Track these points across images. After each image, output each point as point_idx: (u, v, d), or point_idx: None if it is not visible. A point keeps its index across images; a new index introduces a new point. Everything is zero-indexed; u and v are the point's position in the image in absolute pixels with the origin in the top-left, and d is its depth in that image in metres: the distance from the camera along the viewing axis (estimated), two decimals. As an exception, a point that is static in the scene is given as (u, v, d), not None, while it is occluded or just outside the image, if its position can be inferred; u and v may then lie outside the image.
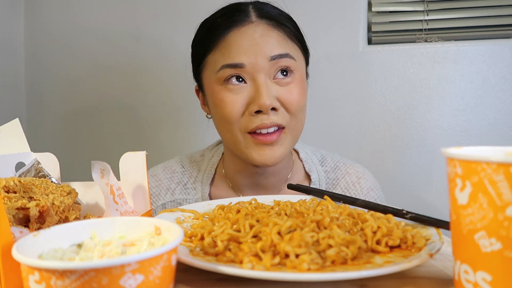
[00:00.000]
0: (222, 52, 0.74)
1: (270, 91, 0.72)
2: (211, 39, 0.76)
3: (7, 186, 0.46)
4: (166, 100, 1.39)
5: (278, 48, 0.73)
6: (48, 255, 0.35)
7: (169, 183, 0.88)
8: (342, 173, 0.86)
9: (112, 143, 1.43)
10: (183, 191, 0.87)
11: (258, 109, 0.71)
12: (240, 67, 0.72)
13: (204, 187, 0.86)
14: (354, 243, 0.41)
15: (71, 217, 0.49)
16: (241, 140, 0.74)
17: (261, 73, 0.72)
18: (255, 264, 0.39)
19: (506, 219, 0.30)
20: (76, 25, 1.43)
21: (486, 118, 1.25)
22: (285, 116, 0.74)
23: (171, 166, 0.90)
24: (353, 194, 0.84)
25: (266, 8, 0.77)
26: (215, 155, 0.90)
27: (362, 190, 0.85)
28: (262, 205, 0.59)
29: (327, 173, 0.87)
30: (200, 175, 0.88)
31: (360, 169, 0.88)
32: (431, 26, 1.27)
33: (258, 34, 0.73)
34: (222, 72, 0.73)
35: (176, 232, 0.37)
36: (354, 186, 0.85)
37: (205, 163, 0.89)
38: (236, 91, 0.73)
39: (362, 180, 0.86)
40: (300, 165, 0.88)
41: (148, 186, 0.57)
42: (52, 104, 1.46)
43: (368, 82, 1.29)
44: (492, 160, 0.30)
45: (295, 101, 0.74)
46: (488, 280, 0.31)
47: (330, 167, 0.87)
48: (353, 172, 0.86)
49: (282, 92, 0.73)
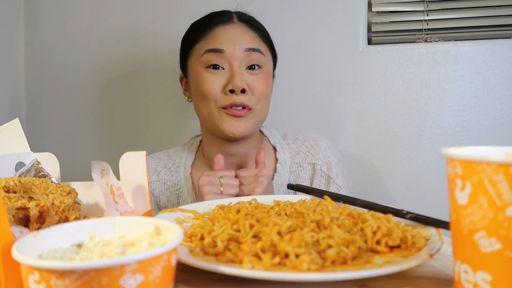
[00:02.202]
0: (208, 41, 0.91)
1: (243, 76, 0.89)
2: (200, 32, 0.93)
3: (7, 186, 0.46)
4: (166, 100, 1.38)
5: (252, 43, 0.91)
6: (48, 255, 0.35)
7: (156, 167, 1.02)
8: (301, 141, 1.02)
9: (112, 143, 1.43)
10: (167, 173, 1.01)
11: (232, 89, 0.87)
12: (221, 52, 0.89)
13: (186, 169, 1.00)
14: (354, 243, 0.41)
15: (71, 217, 0.49)
16: (216, 114, 0.90)
17: (236, 60, 0.89)
18: (255, 264, 0.39)
19: (506, 219, 0.30)
20: (75, 25, 1.43)
21: (486, 118, 1.25)
22: (252, 99, 0.89)
23: (158, 155, 1.05)
24: (313, 153, 0.99)
25: (245, 15, 0.96)
26: (194, 143, 1.06)
27: (320, 148, 0.99)
28: (262, 205, 0.59)
29: (289, 144, 1.01)
30: (183, 160, 1.02)
31: (316, 135, 1.03)
32: (431, 26, 1.27)
33: (237, 32, 0.91)
34: (206, 56, 0.90)
35: (176, 232, 0.37)
36: (313, 148, 1.00)
37: (186, 150, 1.05)
38: (216, 74, 0.89)
39: (319, 142, 1.01)
40: (266, 140, 1.03)
41: (148, 186, 0.57)
42: (52, 104, 1.46)
43: (368, 82, 1.29)
44: (492, 160, 0.30)
45: (260, 88, 0.90)
46: (488, 280, 0.31)
47: (291, 139, 1.03)
48: (311, 138, 1.02)
49: (252, 79, 0.90)
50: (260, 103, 0.91)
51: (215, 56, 0.89)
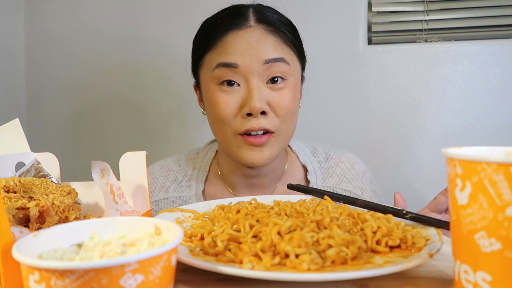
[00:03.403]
0: (219, 51, 0.76)
1: (262, 95, 0.74)
2: (210, 39, 0.77)
3: (7, 186, 0.46)
4: (166, 100, 1.39)
5: (272, 52, 0.74)
6: (48, 255, 0.35)
7: (164, 181, 0.90)
8: (336, 161, 0.90)
9: (112, 143, 1.43)
10: (177, 189, 0.88)
11: (249, 112, 0.73)
12: (234, 67, 0.74)
13: (199, 184, 0.87)
14: (354, 243, 0.41)
15: (71, 217, 0.49)
16: (232, 140, 0.77)
17: (254, 75, 0.74)
18: (255, 264, 0.39)
19: (506, 219, 0.30)
20: (76, 25, 1.43)
21: (486, 118, 1.25)
22: (274, 120, 0.75)
23: (167, 164, 0.92)
24: (350, 178, 0.88)
25: (266, 12, 0.78)
26: (209, 153, 0.92)
27: (358, 174, 0.89)
28: (262, 205, 0.59)
29: (321, 163, 0.90)
30: (195, 173, 0.89)
31: (350, 155, 0.92)
32: (431, 26, 1.27)
33: (254, 38, 0.75)
34: (218, 70, 0.75)
35: (176, 232, 0.37)
36: (350, 171, 0.89)
37: (199, 160, 0.91)
38: (230, 92, 0.75)
39: (355, 165, 0.90)
40: (295, 158, 0.90)
41: (148, 186, 0.57)
42: (52, 104, 1.46)
43: (368, 82, 1.29)
44: (492, 160, 0.30)
45: (285, 106, 0.75)
46: (488, 280, 0.31)
47: (323, 157, 0.91)
48: (345, 159, 0.90)
49: (274, 96, 0.75)
50: (285, 124, 0.76)
51: (228, 71, 0.74)
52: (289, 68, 0.76)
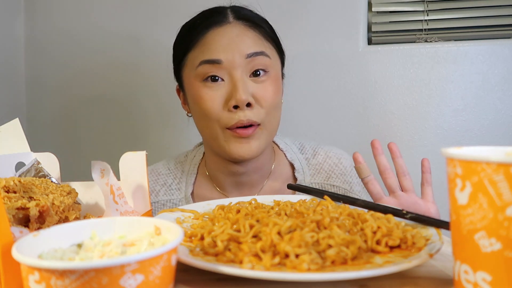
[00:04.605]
0: (201, 49, 0.78)
1: (246, 87, 0.76)
2: (191, 38, 0.80)
3: (7, 186, 0.46)
4: (167, 100, 1.38)
5: (254, 46, 0.77)
6: (48, 255, 0.35)
7: (154, 185, 0.91)
8: (323, 157, 0.91)
9: (112, 143, 1.43)
10: (167, 192, 0.90)
11: (236, 104, 0.74)
12: (218, 63, 0.76)
13: (188, 187, 0.88)
14: (354, 243, 0.41)
15: (71, 217, 0.49)
16: (220, 135, 0.78)
17: (237, 69, 0.76)
18: (255, 264, 0.39)
19: (506, 219, 0.30)
20: (76, 25, 1.43)
21: (486, 118, 1.25)
22: (260, 112, 0.77)
23: (157, 169, 0.93)
24: (338, 174, 0.89)
25: (242, 11, 0.82)
26: (196, 155, 0.93)
27: (345, 169, 0.90)
28: (262, 205, 0.59)
29: (308, 160, 0.90)
30: (184, 175, 0.90)
31: (338, 150, 0.93)
32: (431, 26, 1.27)
33: (235, 34, 0.77)
34: (201, 68, 0.77)
35: (176, 232, 0.37)
36: (337, 167, 0.90)
37: (187, 163, 0.92)
38: (214, 88, 0.77)
39: (343, 160, 0.91)
40: (282, 155, 0.91)
41: (148, 186, 0.57)
42: (52, 104, 1.46)
43: (368, 82, 1.29)
44: (492, 160, 0.30)
45: (269, 98, 0.77)
46: (488, 280, 0.31)
47: (310, 153, 0.91)
48: (333, 154, 0.91)
49: (258, 89, 0.77)
50: (270, 115, 0.79)
51: (212, 67, 0.76)
52: (270, 62, 0.79)
